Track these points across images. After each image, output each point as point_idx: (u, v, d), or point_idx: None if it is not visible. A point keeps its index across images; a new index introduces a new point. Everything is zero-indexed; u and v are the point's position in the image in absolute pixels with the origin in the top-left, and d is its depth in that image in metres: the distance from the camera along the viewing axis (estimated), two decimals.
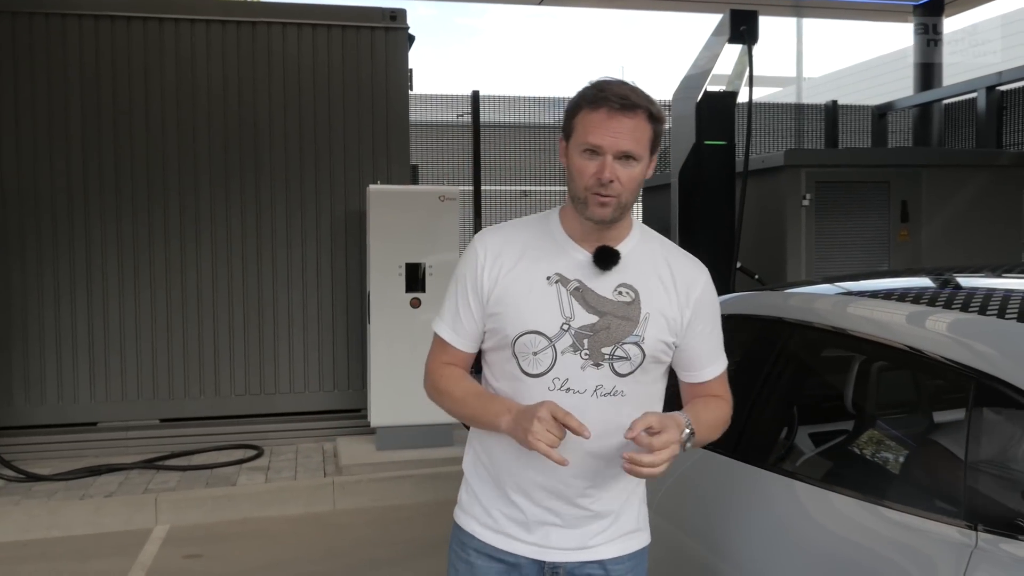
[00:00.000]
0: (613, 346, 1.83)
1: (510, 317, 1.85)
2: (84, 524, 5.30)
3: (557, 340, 1.82)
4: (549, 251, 1.89)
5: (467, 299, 1.91)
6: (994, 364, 1.82)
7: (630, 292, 1.85)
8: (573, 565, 1.90)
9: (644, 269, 1.89)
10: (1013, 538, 1.63)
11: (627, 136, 1.76)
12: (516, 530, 1.90)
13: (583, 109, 1.80)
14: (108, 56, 6.44)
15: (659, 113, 1.81)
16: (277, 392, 6.76)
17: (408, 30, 7.00)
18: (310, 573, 4.65)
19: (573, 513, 1.88)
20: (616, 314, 1.83)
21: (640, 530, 1.99)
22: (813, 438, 2.57)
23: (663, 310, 1.87)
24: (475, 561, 1.95)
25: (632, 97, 1.77)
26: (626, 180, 1.79)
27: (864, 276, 3.12)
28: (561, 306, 1.83)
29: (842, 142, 11.13)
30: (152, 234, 6.52)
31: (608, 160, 1.77)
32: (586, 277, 1.85)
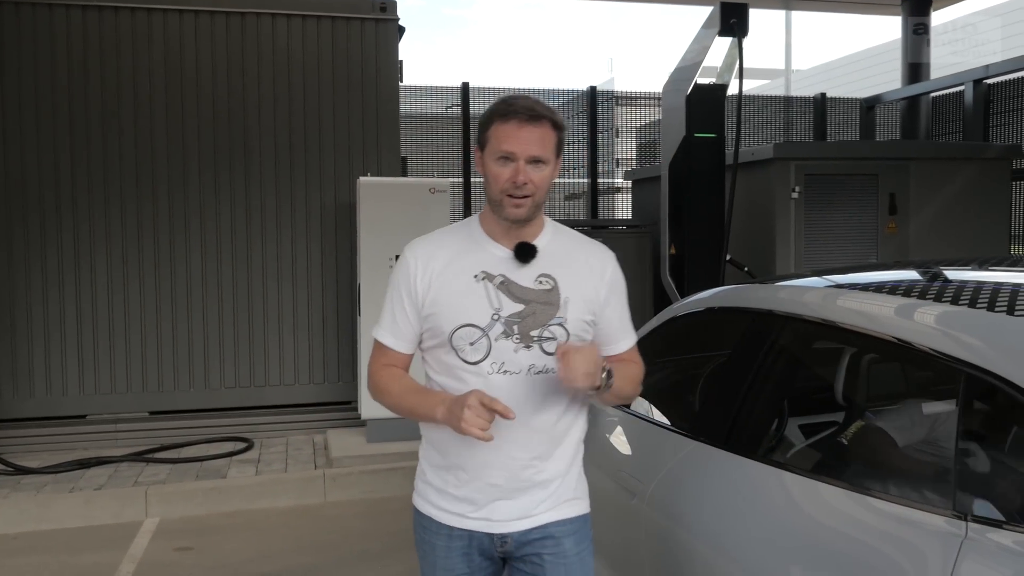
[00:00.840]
0: (540, 329, 2.06)
1: (445, 314, 2.06)
2: (74, 517, 5.29)
3: (490, 329, 2.04)
4: (474, 252, 2.10)
5: (403, 305, 2.11)
6: (983, 356, 1.83)
7: (550, 280, 2.08)
8: (519, 533, 2.09)
9: (560, 259, 2.12)
10: (1002, 528, 1.65)
11: (536, 143, 2.00)
12: (466, 508, 2.10)
13: (495, 122, 2.03)
14: (96, 47, 6.40)
15: (561, 122, 2.06)
16: (267, 385, 6.75)
17: (398, 21, 6.99)
18: (301, 565, 4.66)
19: (518, 486, 2.08)
20: (539, 301, 2.07)
21: (579, 499, 2.18)
22: (803, 430, 2.59)
23: (581, 292, 2.11)
24: (435, 541, 2.15)
25: (538, 109, 2.01)
26: (538, 181, 2.02)
27: (853, 269, 3.14)
28: (490, 299, 2.05)
29: (830, 135, 11.17)
30: (141, 226, 6.49)
31: (521, 165, 2.00)
32: (509, 271, 2.08)
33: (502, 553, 2.12)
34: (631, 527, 2.71)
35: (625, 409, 3.21)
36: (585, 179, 10.54)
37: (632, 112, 11.45)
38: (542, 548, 2.09)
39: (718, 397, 2.72)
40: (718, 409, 2.65)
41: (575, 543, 2.12)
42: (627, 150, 11.45)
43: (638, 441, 3.06)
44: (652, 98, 11.00)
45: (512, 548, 2.10)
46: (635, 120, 11.53)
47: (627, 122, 11.44)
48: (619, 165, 11.29)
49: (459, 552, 2.11)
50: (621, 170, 11.07)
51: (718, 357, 3.01)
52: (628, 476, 2.83)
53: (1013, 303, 1.97)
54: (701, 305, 3.18)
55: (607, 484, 2.95)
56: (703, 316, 3.18)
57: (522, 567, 2.11)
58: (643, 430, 3.05)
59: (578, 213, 10.80)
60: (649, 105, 11.17)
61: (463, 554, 2.12)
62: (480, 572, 2.13)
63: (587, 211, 10.55)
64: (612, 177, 11.14)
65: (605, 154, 10.82)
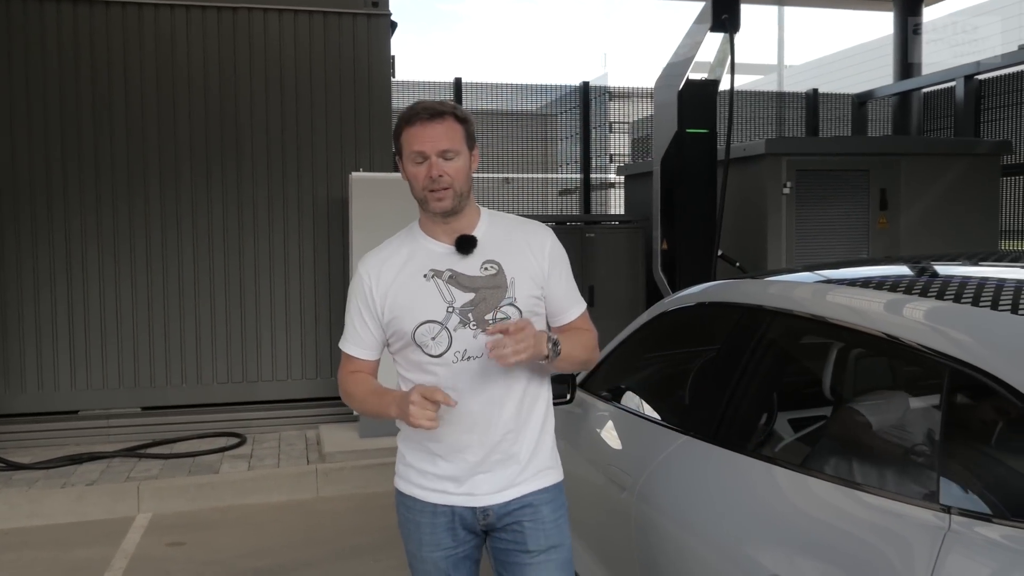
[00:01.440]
0: (493, 311, 2.17)
1: (404, 316, 2.19)
2: (66, 512, 5.29)
3: (447, 321, 2.16)
4: (419, 253, 2.23)
5: (362, 317, 2.26)
6: (969, 351, 1.85)
7: (494, 265, 2.20)
8: (500, 506, 2.21)
9: (500, 243, 2.23)
10: (985, 521, 1.67)
11: (442, 137, 2.12)
12: (448, 485, 2.22)
13: (403, 128, 2.16)
14: (86, 41, 6.38)
15: (463, 114, 2.19)
16: (260, 380, 6.75)
17: (390, 16, 6.98)
18: (293, 560, 4.67)
19: (495, 460, 2.20)
20: (488, 286, 2.18)
21: (553, 467, 2.31)
22: (791, 424, 2.61)
23: (526, 269, 2.22)
24: (420, 519, 2.26)
25: (437, 107, 2.14)
26: (453, 172, 2.14)
27: (844, 264, 3.16)
28: (442, 294, 2.17)
29: (823, 130, 11.20)
30: (133, 222, 6.48)
31: (433, 160, 2.12)
32: (455, 264, 2.20)
33: (484, 526, 2.23)
34: (621, 521, 2.72)
35: (616, 404, 3.23)
36: (578, 175, 10.56)
37: (626, 107, 11.46)
38: (522, 516, 2.21)
39: (707, 392, 2.74)
40: (707, 404, 2.67)
41: (552, 510, 2.25)
42: (621, 145, 11.47)
43: (628, 436, 3.08)
44: (646, 93, 11.02)
45: (494, 520, 2.22)
46: (629, 115, 11.55)
47: (621, 117, 11.46)
48: (612, 160, 11.30)
49: (444, 527, 2.23)
50: (614, 166, 11.08)
51: (708, 352, 3.03)
52: (618, 470, 2.84)
53: (997, 298, 1.99)
54: (692, 300, 3.20)
55: (597, 478, 2.97)
56: (694, 311, 3.19)
57: (504, 535, 2.23)
58: (633, 425, 3.06)
59: (571, 209, 10.81)
60: (643, 100, 11.18)
61: (448, 529, 2.23)
62: (464, 545, 2.25)
63: (580, 207, 10.57)
64: (605, 173, 11.16)
65: (598, 149, 10.83)
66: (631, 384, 3.36)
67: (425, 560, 2.26)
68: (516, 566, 2.22)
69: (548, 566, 2.21)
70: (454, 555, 2.25)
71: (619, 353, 3.43)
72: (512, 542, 2.22)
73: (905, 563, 1.72)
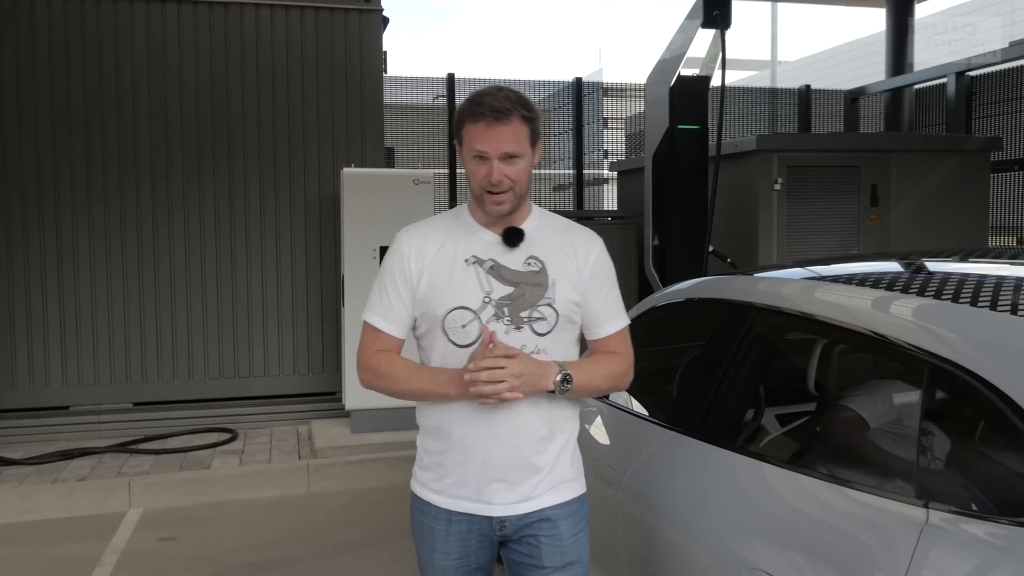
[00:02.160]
0: (530, 309, 2.10)
1: (438, 298, 2.10)
2: (57, 508, 5.29)
3: (481, 312, 2.08)
4: (464, 237, 2.15)
5: (396, 288, 2.14)
6: (951, 348, 1.87)
7: (538, 262, 2.13)
8: (518, 517, 2.12)
9: (547, 241, 2.17)
10: (963, 516, 1.68)
11: (507, 140, 2.03)
12: (466, 492, 2.13)
13: (466, 123, 2.06)
14: (78, 36, 6.36)
15: (530, 113, 2.06)
16: (251, 375, 6.75)
17: (382, 12, 6.97)
18: (284, 555, 4.68)
19: (516, 469, 2.10)
20: (528, 282, 2.11)
21: (575, 480, 2.21)
22: (777, 420, 2.63)
23: (567, 273, 2.15)
24: (434, 526, 2.18)
25: (505, 106, 2.02)
26: (514, 175, 2.06)
27: (834, 260, 3.17)
28: (480, 282, 2.09)
29: (815, 126, 11.21)
30: (124, 217, 6.47)
31: (494, 164, 2.03)
32: (498, 255, 2.12)
33: (500, 536, 2.15)
34: (607, 516, 2.74)
35: (605, 399, 3.24)
36: (571, 170, 10.56)
37: (619, 103, 11.47)
38: (539, 530, 2.13)
39: (694, 387, 2.75)
40: (694, 399, 2.68)
41: (571, 525, 2.16)
42: (614, 141, 11.48)
43: (616, 431, 3.09)
44: (639, 89, 11.01)
45: (510, 531, 2.14)
46: (622, 111, 11.56)
47: (614, 113, 11.46)
48: (607, 156, 11.31)
49: (458, 536, 2.15)
50: (607, 161, 11.09)
51: (696, 348, 3.04)
52: (605, 466, 2.85)
53: (977, 295, 2.01)
54: (681, 296, 3.21)
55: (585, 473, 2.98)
56: (683, 307, 3.20)
57: (519, 548, 2.15)
58: (621, 420, 3.08)
59: (564, 204, 10.81)
60: (636, 96, 11.18)
61: (462, 538, 2.15)
62: (477, 555, 2.17)
63: (573, 202, 10.57)
64: (599, 168, 11.17)
65: (591, 145, 10.83)
66: None
67: (436, 567, 2.19)
68: None
69: None
70: (465, 565, 2.17)
71: None
72: (527, 555, 2.14)
73: (885, 557, 1.73)
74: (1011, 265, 2.46)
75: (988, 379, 1.74)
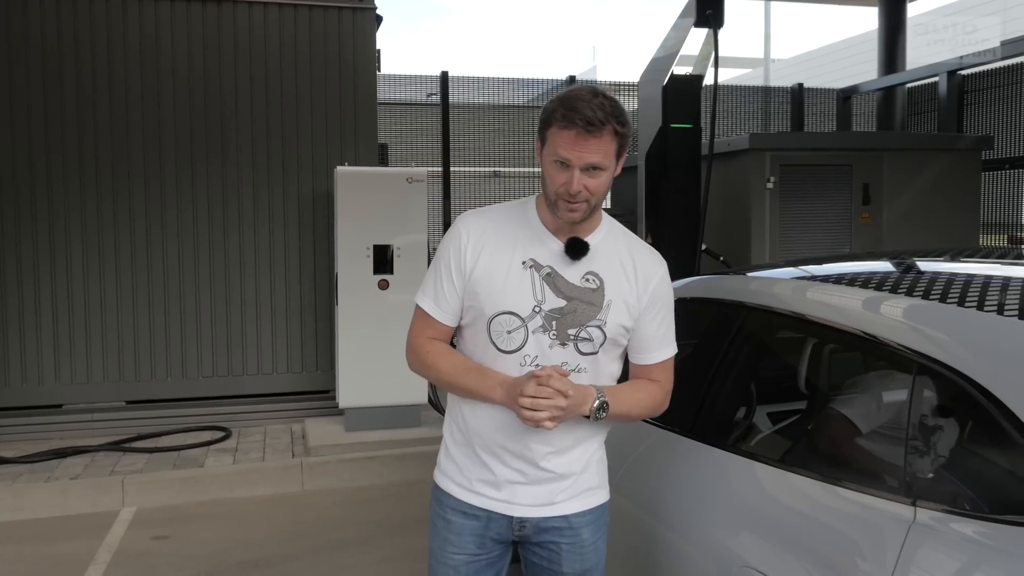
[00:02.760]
0: (578, 328, 2.03)
1: (488, 297, 2.04)
2: (50, 507, 5.28)
3: (529, 321, 2.02)
4: (525, 238, 2.07)
5: (450, 275, 2.08)
6: (939, 348, 1.88)
7: (596, 279, 2.05)
8: (538, 520, 2.10)
9: (610, 259, 2.08)
10: (950, 515, 1.70)
11: (594, 152, 1.93)
12: (487, 488, 2.10)
13: (554, 125, 1.95)
14: (70, 34, 6.34)
15: (623, 127, 1.96)
16: (245, 374, 6.75)
17: (376, 10, 6.97)
18: (278, 553, 4.68)
19: (537, 474, 2.08)
20: (583, 299, 2.03)
21: (600, 488, 2.19)
22: (768, 419, 2.64)
23: (624, 296, 2.06)
24: (451, 518, 2.15)
25: (599, 117, 1.90)
26: (593, 187, 1.97)
27: (826, 259, 3.19)
28: (534, 290, 2.02)
29: (808, 125, 11.25)
30: (117, 215, 6.46)
31: (576, 174, 1.94)
32: (557, 264, 2.04)
33: (519, 536, 2.13)
34: None
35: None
36: None
37: None
38: (559, 536, 2.11)
39: (687, 386, 2.77)
40: (686, 398, 2.70)
41: (592, 532, 2.14)
42: None
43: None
44: (633, 87, 11.03)
45: (530, 532, 2.11)
46: None
47: None
48: None
49: (472, 531, 2.12)
50: None
51: (689, 347, 3.06)
52: None
53: (966, 295, 2.03)
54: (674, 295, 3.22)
55: None
56: (675, 306, 3.21)
57: (538, 551, 2.13)
58: None
59: None
60: (630, 94, 11.19)
61: (477, 535, 2.12)
62: (489, 554, 2.14)
63: None
64: None
65: None
66: None
67: (445, 563, 2.15)
68: None
69: None
70: (476, 562, 2.14)
71: None
72: (546, 559, 2.12)
73: (874, 554, 1.75)
74: (1000, 265, 2.49)
75: (976, 379, 1.76)
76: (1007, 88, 9.15)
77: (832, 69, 19.04)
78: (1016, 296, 1.98)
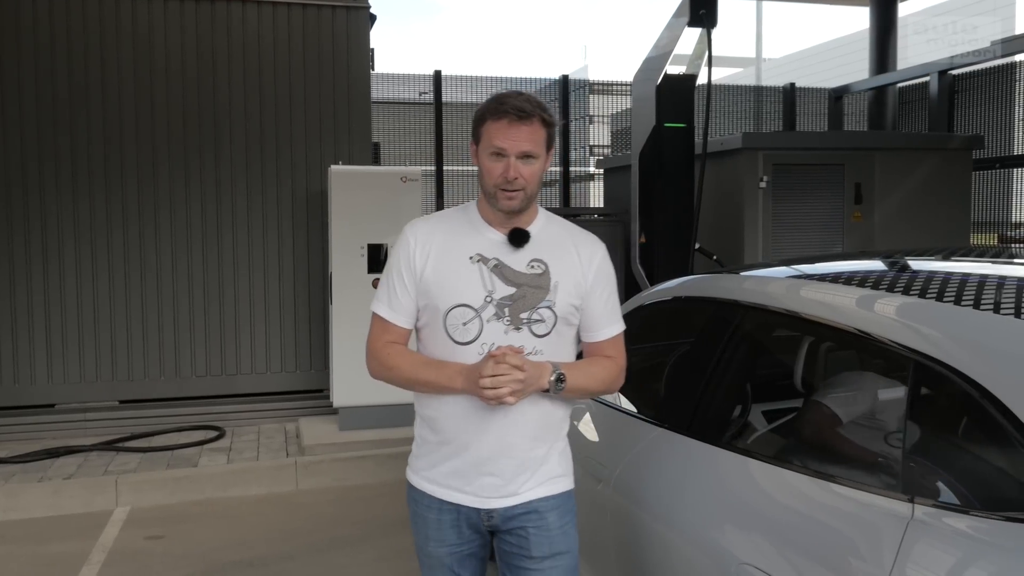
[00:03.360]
0: (530, 311, 2.15)
1: (441, 293, 2.16)
2: (43, 507, 5.27)
3: (482, 311, 2.14)
4: (470, 235, 2.21)
5: (402, 279, 2.20)
6: (934, 346, 1.90)
7: (541, 265, 2.18)
8: (505, 509, 2.19)
9: (552, 245, 2.22)
10: (948, 511, 1.72)
11: (526, 139, 2.10)
12: (457, 483, 2.20)
13: (488, 119, 2.13)
14: (63, 33, 6.32)
15: (550, 118, 2.15)
16: (239, 373, 6.74)
17: (369, 9, 6.97)
18: (273, 553, 4.68)
19: (504, 466, 2.17)
20: (531, 284, 2.16)
21: (565, 476, 2.28)
22: (764, 417, 2.66)
23: (570, 277, 2.20)
24: (426, 514, 2.26)
25: (527, 107, 2.10)
26: (528, 175, 2.12)
27: (818, 259, 3.21)
28: (483, 281, 2.15)
29: (800, 124, 11.28)
30: (110, 214, 6.44)
31: (511, 161, 2.10)
32: (503, 255, 2.18)
33: (489, 527, 2.22)
34: (597, 512, 2.77)
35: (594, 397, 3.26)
36: (558, 167, 10.58)
37: (606, 100, 11.49)
38: (527, 522, 2.20)
39: (683, 385, 2.78)
40: (682, 396, 2.71)
41: (558, 516, 2.22)
42: (601, 137, 11.51)
43: (605, 428, 3.12)
44: (626, 86, 11.05)
45: (499, 522, 2.20)
46: (609, 108, 11.58)
47: (601, 110, 11.48)
48: (592, 153, 11.33)
49: (449, 524, 2.22)
50: (594, 158, 11.12)
51: (684, 346, 3.07)
52: (595, 462, 2.88)
53: (960, 293, 2.04)
54: (669, 294, 3.24)
55: (575, 470, 3.00)
56: (670, 305, 3.23)
57: (509, 539, 2.22)
58: (611, 417, 3.11)
59: (551, 201, 10.83)
60: (623, 93, 11.22)
61: (453, 526, 2.22)
62: (469, 543, 2.25)
63: (560, 199, 10.59)
64: (585, 165, 11.19)
65: (577, 142, 10.86)
66: None
67: (431, 555, 2.27)
68: (521, 570, 2.21)
69: (552, 573, 2.20)
70: (459, 552, 2.25)
71: None
72: (517, 546, 2.21)
73: (871, 551, 1.77)
74: (993, 264, 2.51)
75: (971, 376, 1.78)
76: (997, 88, 9.19)
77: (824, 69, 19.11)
78: (1011, 294, 2.00)
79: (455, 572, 2.26)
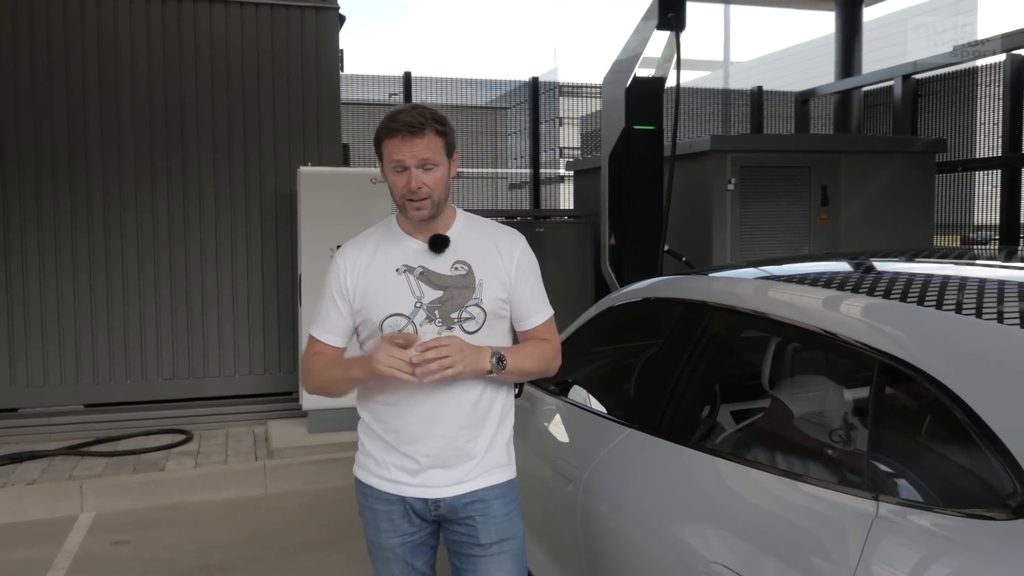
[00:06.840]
0: (459, 310, 2.26)
1: (374, 307, 2.27)
2: (5, 513, 5.18)
3: (414, 316, 2.25)
4: (393, 248, 2.31)
5: (335, 303, 2.32)
6: (897, 345, 1.93)
7: (464, 266, 2.28)
8: (451, 499, 2.28)
9: (473, 245, 2.32)
10: (912, 508, 1.75)
11: (422, 149, 2.19)
12: (404, 476, 2.29)
13: (384, 139, 2.22)
14: (26, 32, 6.23)
15: (443, 125, 2.23)
16: (206, 376, 6.67)
17: (339, 10, 6.94)
18: (241, 557, 4.64)
19: (452, 455, 2.27)
20: (456, 285, 2.27)
21: (508, 466, 2.38)
22: (732, 417, 2.68)
23: (494, 273, 2.30)
24: (375, 507, 2.35)
25: (416, 121, 2.18)
26: (432, 182, 2.21)
27: (786, 260, 3.25)
28: (411, 289, 2.26)
29: (767, 127, 11.40)
30: (75, 216, 6.36)
31: (413, 172, 2.19)
32: (427, 262, 2.28)
33: (436, 516, 2.32)
34: (567, 513, 2.78)
35: (563, 397, 3.28)
36: (528, 169, 10.60)
37: (575, 102, 11.53)
38: (473, 511, 2.29)
39: (652, 385, 2.80)
40: (652, 397, 2.73)
41: (503, 505, 2.32)
42: (571, 139, 11.55)
43: (575, 429, 3.13)
44: (595, 88, 11.10)
45: (445, 512, 2.30)
46: (579, 110, 11.63)
47: (570, 112, 11.53)
48: (562, 155, 11.37)
49: (399, 514, 2.32)
50: (564, 160, 11.15)
51: (653, 346, 3.09)
52: (564, 463, 2.89)
53: (924, 294, 2.08)
54: (638, 295, 3.26)
55: (545, 471, 3.01)
56: (640, 306, 3.25)
57: (457, 528, 2.31)
58: (580, 418, 3.12)
59: (521, 203, 10.85)
60: (592, 95, 11.26)
61: (403, 516, 2.32)
62: (421, 531, 2.34)
63: (530, 201, 10.62)
64: (555, 167, 11.23)
65: (548, 144, 10.89)
66: (578, 378, 3.41)
67: (383, 547, 2.35)
68: (470, 558, 2.30)
69: (501, 558, 2.29)
70: (411, 541, 2.33)
71: (567, 347, 3.47)
72: (465, 535, 2.30)
73: (837, 548, 1.79)
74: (956, 265, 2.55)
75: (935, 376, 1.81)
76: (959, 92, 9.36)
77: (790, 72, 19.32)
78: (973, 296, 2.04)
79: (408, 562, 2.35)
